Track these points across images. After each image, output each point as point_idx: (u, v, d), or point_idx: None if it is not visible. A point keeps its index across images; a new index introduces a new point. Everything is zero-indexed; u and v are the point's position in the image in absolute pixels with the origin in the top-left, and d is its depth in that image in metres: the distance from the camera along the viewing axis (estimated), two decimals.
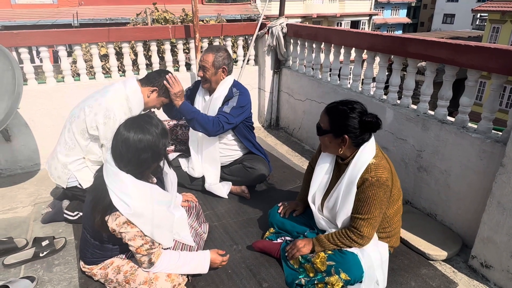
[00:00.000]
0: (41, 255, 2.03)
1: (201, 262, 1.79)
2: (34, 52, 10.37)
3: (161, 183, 1.88)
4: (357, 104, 1.71)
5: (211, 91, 2.58)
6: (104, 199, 1.55)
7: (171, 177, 1.91)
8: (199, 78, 2.58)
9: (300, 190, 2.24)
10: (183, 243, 1.89)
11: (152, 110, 2.45)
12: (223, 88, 2.52)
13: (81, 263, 1.83)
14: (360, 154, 1.73)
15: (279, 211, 2.15)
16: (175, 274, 1.70)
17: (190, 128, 2.55)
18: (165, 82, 2.30)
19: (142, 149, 1.55)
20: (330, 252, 1.78)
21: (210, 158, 2.59)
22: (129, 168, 1.56)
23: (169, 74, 2.34)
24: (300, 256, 1.85)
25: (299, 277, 1.82)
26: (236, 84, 2.59)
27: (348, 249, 1.77)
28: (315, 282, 1.75)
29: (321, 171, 1.91)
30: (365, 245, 1.76)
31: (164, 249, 1.76)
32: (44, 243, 2.06)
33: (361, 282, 1.74)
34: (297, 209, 2.13)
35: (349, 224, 1.78)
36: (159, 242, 1.68)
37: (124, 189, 1.54)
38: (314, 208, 1.95)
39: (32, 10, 15.11)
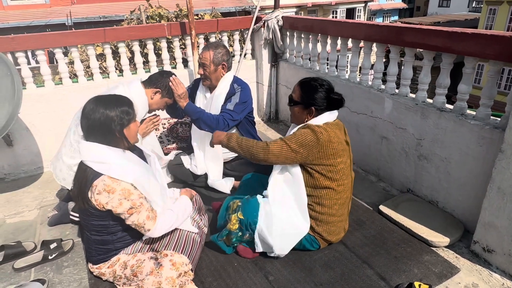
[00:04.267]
0: (50, 257, 2.06)
1: (187, 205, 1.96)
2: (30, 53, 10.32)
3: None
4: (326, 82, 1.91)
5: (211, 88, 2.60)
6: (81, 184, 1.65)
7: (154, 159, 1.99)
8: (199, 76, 2.59)
9: None
10: (186, 230, 1.93)
11: (156, 111, 2.46)
12: (224, 84, 2.54)
13: (89, 264, 1.87)
14: (314, 119, 1.89)
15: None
16: (179, 262, 1.72)
17: (193, 126, 2.57)
18: (170, 84, 2.33)
19: (92, 118, 1.64)
20: (239, 203, 1.99)
21: (213, 155, 2.61)
22: (94, 140, 1.66)
23: (173, 76, 2.37)
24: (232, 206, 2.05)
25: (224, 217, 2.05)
26: (236, 80, 2.60)
27: (256, 197, 1.97)
28: (226, 218, 2.02)
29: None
30: (261, 155, 1.84)
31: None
32: (52, 246, 2.09)
33: (253, 229, 1.89)
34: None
35: None
36: (146, 195, 1.72)
37: (98, 152, 1.65)
38: None
39: (24, 11, 14.99)
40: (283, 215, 1.93)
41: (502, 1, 18.53)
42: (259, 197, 2.02)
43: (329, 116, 1.88)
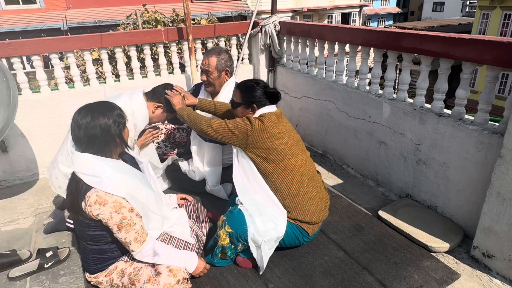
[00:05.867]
0: (45, 266, 2.02)
1: (187, 261, 1.81)
2: (24, 58, 10.25)
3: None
4: (261, 80, 2.13)
5: (214, 94, 2.59)
6: (74, 195, 1.63)
7: (147, 166, 1.97)
8: (202, 81, 2.58)
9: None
10: (184, 241, 1.91)
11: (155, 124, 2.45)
12: (227, 90, 2.53)
13: (86, 274, 1.84)
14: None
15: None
16: (177, 269, 1.72)
17: (192, 132, 2.56)
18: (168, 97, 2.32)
19: (93, 128, 1.63)
20: (224, 218, 1.97)
21: (211, 161, 2.60)
22: (92, 150, 1.65)
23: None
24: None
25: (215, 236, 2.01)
26: None
27: (238, 207, 1.95)
28: (214, 236, 2.01)
29: None
30: (203, 126, 2.05)
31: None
32: (48, 254, 2.06)
33: (245, 239, 1.88)
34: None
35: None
36: (142, 206, 1.70)
37: (91, 165, 1.62)
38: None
39: (19, 15, 14.92)
40: (261, 206, 1.94)
41: (495, 6, 18.76)
42: (239, 206, 2.01)
43: (266, 110, 2.04)
